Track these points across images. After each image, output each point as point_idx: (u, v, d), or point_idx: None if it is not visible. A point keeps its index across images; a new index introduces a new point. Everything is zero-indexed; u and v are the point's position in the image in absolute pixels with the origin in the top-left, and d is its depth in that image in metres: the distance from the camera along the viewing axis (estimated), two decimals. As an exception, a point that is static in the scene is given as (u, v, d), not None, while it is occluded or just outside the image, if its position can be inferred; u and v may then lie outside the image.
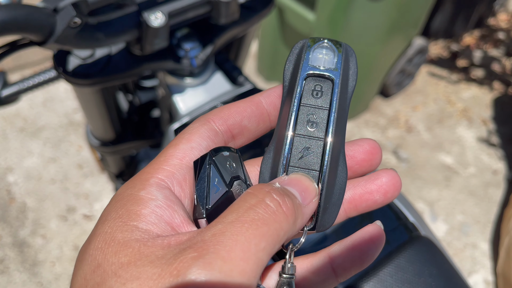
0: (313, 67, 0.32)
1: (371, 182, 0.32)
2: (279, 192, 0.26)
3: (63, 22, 0.54)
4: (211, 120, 0.31)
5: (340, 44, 0.33)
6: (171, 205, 0.27)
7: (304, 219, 0.27)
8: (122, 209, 0.26)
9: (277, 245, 0.24)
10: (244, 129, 0.32)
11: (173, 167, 0.29)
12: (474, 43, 2.60)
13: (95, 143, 1.01)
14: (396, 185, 0.32)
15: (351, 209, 0.32)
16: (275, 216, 0.24)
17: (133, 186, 0.28)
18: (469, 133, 2.19)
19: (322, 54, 0.32)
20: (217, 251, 0.22)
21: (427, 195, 1.93)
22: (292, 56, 0.33)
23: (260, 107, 0.33)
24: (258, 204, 0.24)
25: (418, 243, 0.59)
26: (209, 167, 0.28)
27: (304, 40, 0.33)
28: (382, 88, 2.22)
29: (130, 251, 0.23)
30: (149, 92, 1.01)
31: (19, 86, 0.80)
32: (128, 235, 0.24)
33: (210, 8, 0.69)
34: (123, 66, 0.71)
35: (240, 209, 0.24)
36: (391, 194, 0.32)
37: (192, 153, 0.30)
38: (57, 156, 1.96)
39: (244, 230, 0.23)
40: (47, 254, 1.66)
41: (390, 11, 1.70)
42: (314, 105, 0.31)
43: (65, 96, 2.19)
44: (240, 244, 0.22)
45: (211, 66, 0.84)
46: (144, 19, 0.62)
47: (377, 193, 0.32)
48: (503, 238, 1.66)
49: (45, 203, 1.80)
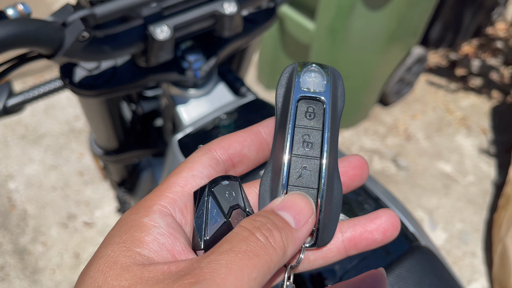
0: (304, 90, 0.33)
1: (371, 221, 0.33)
2: (267, 227, 0.27)
3: (72, 36, 0.55)
4: (212, 150, 0.33)
5: (327, 68, 0.34)
6: (173, 232, 0.28)
7: (297, 243, 0.29)
8: (126, 235, 0.27)
9: (268, 275, 0.25)
10: (244, 158, 0.34)
11: (175, 194, 0.30)
12: (472, 52, 2.62)
13: (98, 152, 1.02)
14: (395, 225, 0.33)
15: (351, 247, 0.33)
16: (265, 249, 0.26)
17: (137, 212, 0.29)
18: (468, 141, 2.21)
19: (311, 77, 0.34)
20: (213, 278, 0.23)
21: (427, 203, 1.94)
22: (283, 80, 0.34)
23: (259, 137, 0.34)
24: (250, 236, 0.26)
25: (419, 253, 0.60)
26: (207, 199, 0.30)
27: (293, 64, 0.35)
28: (381, 96, 2.23)
29: (131, 275, 0.24)
30: (152, 102, 1.02)
31: (24, 96, 0.81)
32: (130, 260, 0.25)
33: (214, 21, 0.70)
34: (128, 77, 0.72)
35: (233, 240, 0.26)
36: (390, 233, 0.33)
37: (194, 181, 0.31)
38: (58, 163, 1.97)
39: (238, 259, 0.24)
40: (47, 262, 1.66)
41: (389, 21, 1.72)
42: (308, 126, 0.33)
43: (66, 103, 2.20)
44: (234, 272, 0.23)
45: (214, 77, 0.85)
46: (150, 33, 0.63)
47: (376, 232, 0.33)
48: (496, 245, 1.66)
49: (45, 211, 1.81)
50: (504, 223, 1.65)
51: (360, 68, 1.89)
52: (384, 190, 0.72)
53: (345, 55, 1.82)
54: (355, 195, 0.69)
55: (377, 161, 2.09)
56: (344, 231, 0.33)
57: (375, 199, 0.70)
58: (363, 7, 1.63)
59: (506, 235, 1.58)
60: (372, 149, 2.14)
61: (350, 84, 1.96)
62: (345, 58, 1.84)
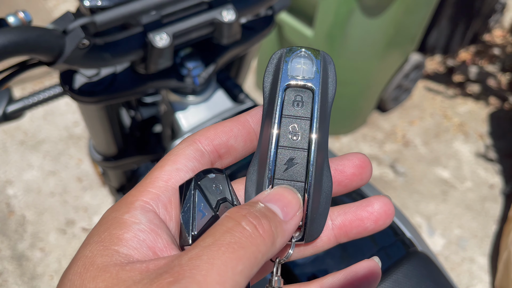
0: (292, 77, 0.31)
1: (363, 209, 0.32)
2: (255, 215, 0.26)
3: (72, 43, 0.56)
4: (197, 141, 0.31)
5: (318, 52, 0.32)
6: (154, 229, 0.27)
7: (286, 236, 0.27)
8: (104, 233, 0.26)
9: (255, 267, 0.24)
10: (231, 149, 0.32)
11: (159, 189, 0.29)
12: (469, 58, 2.63)
13: (97, 158, 1.03)
14: (388, 213, 0.32)
15: (341, 235, 0.32)
16: (252, 239, 0.24)
17: (118, 209, 0.28)
18: (466, 147, 2.21)
19: (300, 64, 0.32)
20: (193, 276, 0.22)
21: (425, 209, 1.95)
22: (270, 66, 0.33)
23: (246, 126, 0.33)
24: (235, 227, 0.24)
25: (416, 258, 0.60)
26: (194, 192, 0.28)
27: (282, 50, 0.33)
28: (379, 103, 2.24)
29: (108, 276, 0.24)
30: (151, 108, 1.03)
31: (24, 102, 0.82)
32: (108, 260, 0.24)
33: (213, 29, 0.71)
34: (127, 84, 0.72)
35: (217, 232, 0.24)
36: (382, 221, 0.32)
37: (178, 174, 0.30)
38: (57, 169, 1.97)
39: (221, 253, 0.23)
40: (45, 268, 1.66)
41: (387, 28, 1.74)
42: (295, 115, 0.31)
43: (65, 109, 2.20)
44: (217, 267, 0.22)
45: (213, 84, 0.86)
46: (150, 40, 0.64)
47: (368, 220, 0.32)
48: (502, 253, 1.67)
49: (44, 216, 1.81)
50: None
51: (358, 74, 1.91)
52: (381, 196, 0.73)
53: (343, 61, 1.83)
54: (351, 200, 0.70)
55: (375, 167, 2.10)
56: (334, 218, 0.32)
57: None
58: (361, 14, 1.65)
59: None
60: (370, 155, 2.15)
61: (348, 91, 1.97)
62: (343, 65, 1.85)
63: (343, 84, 1.94)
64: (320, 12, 1.69)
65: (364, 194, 0.72)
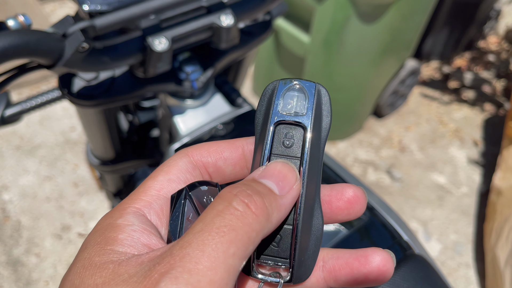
0: (283, 114, 0.30)
1: (357, 260, 0.30)
2: (246, 193, 0.26)
3: (72, 46, 0.56)
4: (190, 155, 0.32)
5: (312, 85, 0.31)
6: (147, 228, 0.28)
7: (283, 210, 0.27)
8: (100, 237, 0.27)
9: (251, 246, 0.24)
10: (219, 170, 0.33)
11: (151, 197, 0.30)
12: (465, 65, 2.65)
13: (95, 162, 1.03)
14: (383, 270, 0.30)
15: (331, 279, 0.31)
16: (243, 219, 0.24)
17: (112, 216, 0.28)
18: (461, 153, 2.23)
19: (293, 99, 0.31)
20: (184, 264, 0.22)
21: (421, 215, 1.95)
22: (263, 100, 0.32)
23: (238, 152, 0.33)
24: (225, 209, 0.24)
25: (412, 261, 0.61)
26: (184, 202, 0.29)
27: (275, 82, 0.31)
28: (375, 108, 2.26)
29: (105, 272, 0.24)
30: (149, 112, 1.03)
31: (21, 106, 0.82)
32: (105, 258, 0.25)
33: (211, 33, 0.71)
34: (126, 88, 0.73)
35: (207, 217, 0.24)
36: (374, 277, 0.30)
37: (170, 185, 0.30)
38: (53, 174, 1.96)
39: (211, 238, 0.23)
40: (41, 273, 1.65)
41: (383, 34, 1.75)
42: (285, 155, 0.30)
43: (62, 114, 2.20)
44: (207, 254, 0.22)
45: (211, 88, 0.86)
46: (148, 44, 0.65)
47: (360, 272, 0.30)
48: (487, 254, 1.67)
49: (40, 222, 1.80)
50: (493, 233, 1.66)
51: (354, 80, 1.92)
52: (379, 200, 0.73)
53: (340, 67, 1.84)
54: None
55: (372, 173, 2.10)
56: (327, 260, 0.31)
57: (370, 209, 0.71)
58: (357, 21, 1.66)
59: (496, 245, 1.59)
60: (366, 160, 2.16)
61: (345, 96, 1.98)
62: (339, 71, 1.86)
63: (340, 90, 1.95)
64: (316, 18, 1.70)
65: None
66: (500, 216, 1.65)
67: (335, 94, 1.97)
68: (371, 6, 1.62)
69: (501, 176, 1.79)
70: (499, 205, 1.70)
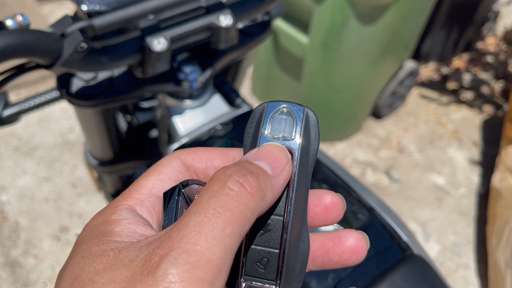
0: (272, 138, 0.31)
1: (332, 241, 0.32)
2: (241, 172, 0.26)
3: (70, 46, 0.56)
4: (182, 157, 0.33)
5: (300, 108, 0.31)
6: (141, 221, 0.28)
7: (276, 190, 0.28)
8: (96, 231, 0.27)
9: (247, 225, 0.25)
10: (208, 177, 0.33)
11: (143, 195, 0.30)
12: (463, 66, 2.66)
13: (93, 163, 1.02)
14: (356, 250, 0.32)
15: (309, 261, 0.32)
16: (238, 198, 0.25)
17: (105, 213, 0.29)
18: (460, 154, 2.23)
19: (281, 123, 0.31)
20: (182, 246, 0.23)
21: (420, 216, 1.95)
22: (251, 122, 0.32)
23: (229, 162, 0.33)
24: (220, 190, 0.25)
25: (412, 261, 0.61)
26: (178, 198, 0.29)
27: (264, 104, 0.32)
28: (374, 109, 2.26)
29: (106, 258, 0.25)
30: (147, 113, 1.03)
31: (20, 106, 0.82)
32: (104, 247, 0.25)
33: (210, 33, 0.71)
34: (125, 88, 0.73)
35: (202, 199, 0.25)
36: (347, 256, 0.32)
37: (162, 184, 0.31)
38: (51, 175, 1.96)
39: (207, 220, 0.23)
40: (39, 275, 1.64)
41: (382, 35, 1.75)
42: None
43: (60, 115, 2.20)
44: (204, 234, 0.23)
45: (210, 88, 0.86)
46: (147, 44, 0.64)
47: (333, 253, 0.32)
48: (490, 257, 1.67)
49: (38, 223, 1.79)
50: (494, 235, 1.66)
51: (353, 81, 1.92)
52: (378, 200, 0.73)
53: (338, 68, 1.84)
54: (350, 205, 0.70)
55: (370, 174, 2.10)
56: None
57: (369, 209, 0.71)
58: (356, 22, 1.66)
59: (497, 248, 1.59)
60: (365, 161, 2.16)
61: (343, 97, 1.98)
62: (338, 72, 1.86)
63: (338, 91, 1.95)
64: (315, 19, 1.71)
65: (362, 199, 0.72)
66: (500, 218, 1.65)
67: (333, 95, 1.97)
68: (370, 7, 1.62)
69: (500, 177, 1.79)
70: (499, 207, 1.70)
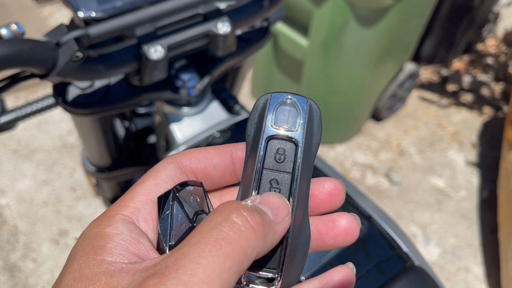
0: (276, 129, 0.30)
1: (325, 224, 0.32)
2: (247, 207, 0.25)
3: (65, 56, 0.55)
4: (178, 160, 0.32)
5: (304, 100, 0.31)
6: (136, 237, 0.27)
7: (276, 236, 0.27)
8: (88, 247, 0.26)
9: (246, 262, 0.24)
10: (208, 176, 0.33)
11: (139, 203, 0.30)
12: (463, 68, 2.65)
13: (91, 169, 1.02)
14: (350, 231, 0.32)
15: None
16: (241, 233, 0.24)
17: (100, 224, 0.28)
18: (460, 156, 2.22)
19: (285, 114, 0.31)
20: (178, 276, 0.21)
21: (420, 218, 1.94)
22: (255, 113, 0.32)
23: (227, 158, 0.33)
24: (224, 222, 0.24)
25: (413, 273, 0.60)
26: (172, 203, 0.29)
27: (267, 95, 0.31)
28: (374, 112, 2.25)
29: (98, 284, 0.24)
30: (145, 119, 1.02)
31: (17, 113, 0.81)
32: (96, 269, 0.25)
33: (208, 41, 0.70)
34: (121, 96, 0.72)
35: (204, 229, 0.24)
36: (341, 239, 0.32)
37: (157, 189, 0.30)
38: (50, 178, 1.95)
39: (207, 251, 0.22)
40: (38, 279, 1.63)
41: (382, 37, 1.74)
42: (277, 169, 0.30)
43: (59, 118, 2.19)
44: (203, 266, 0.22)
45: (208, 95, 0.85)
46: (144, 52, 0.64)
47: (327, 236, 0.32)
48: (502, 265, 1.65)
49: (36, 226, 1.79)
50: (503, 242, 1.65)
51: (353, 83, 1.91)
52: (376, 208, 0.72)
53: (338, 71, 1.84)
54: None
55: (370, 176, 2.09)
56: None
57: (368, 218, 0.70)
58: (356, 24, 1.65)
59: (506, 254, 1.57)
60: (365, 164, 2.15)
61: (343, 100, 1.97)
62: (338, 74, 1.85)
63: (338, 93, 1.94)
64: (315, 21, 1.70)
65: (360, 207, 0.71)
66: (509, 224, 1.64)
67: (333, 97, 1.96)
68: (369, 10, 1.61)
69: (504, 181, 1.78)
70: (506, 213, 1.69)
